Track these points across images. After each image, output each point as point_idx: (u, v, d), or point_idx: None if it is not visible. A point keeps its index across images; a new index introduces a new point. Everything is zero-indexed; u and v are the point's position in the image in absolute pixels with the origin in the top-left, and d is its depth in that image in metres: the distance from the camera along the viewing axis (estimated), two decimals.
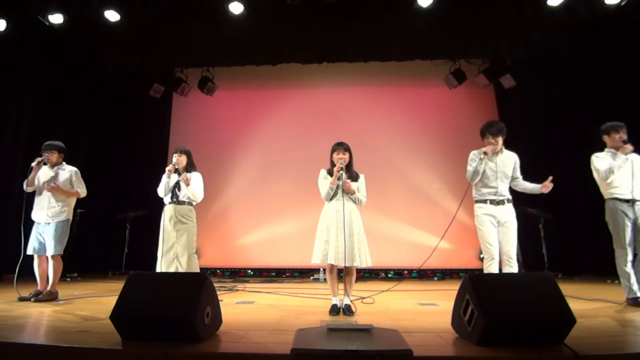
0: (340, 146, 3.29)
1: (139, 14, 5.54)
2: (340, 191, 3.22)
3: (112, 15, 5.46)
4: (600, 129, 3.71)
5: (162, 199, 4.03)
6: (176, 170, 3.97)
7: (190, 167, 4.09)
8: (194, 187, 4.00)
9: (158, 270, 3.83)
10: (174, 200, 3.97)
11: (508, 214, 3.26)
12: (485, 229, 3.24)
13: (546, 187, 3.29)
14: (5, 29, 5.49)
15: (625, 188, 3.47)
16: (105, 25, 5.56)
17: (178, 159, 3.97)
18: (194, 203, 4.08)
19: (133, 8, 5.47)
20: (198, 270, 3.99)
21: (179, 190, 3.99)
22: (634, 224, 3.42)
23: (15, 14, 5.42)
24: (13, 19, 5.47)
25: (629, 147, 3.48)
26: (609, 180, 3.50)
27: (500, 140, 3.36)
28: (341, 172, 3.18)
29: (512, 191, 3.40)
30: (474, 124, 3.54)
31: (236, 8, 5.38)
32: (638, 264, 3.39)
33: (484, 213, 3.27)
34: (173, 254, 3.91)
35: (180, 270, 3.80)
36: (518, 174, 3.43)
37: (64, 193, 3.87)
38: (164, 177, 4.01)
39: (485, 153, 3.30)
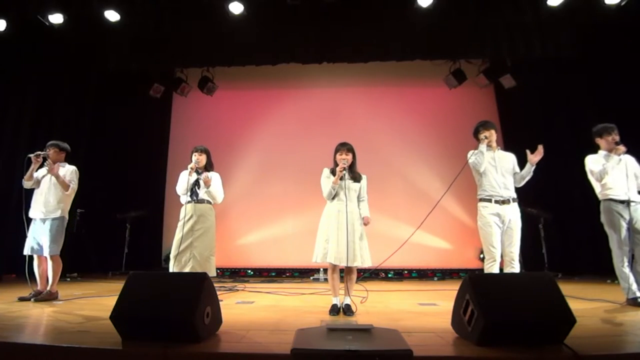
0: (344, 146, 3.28)
1: (139, 14, 5.54)
2: (342, 192, 3.22)
3: (112, 15, 5.46)
4: (592, 132, 3.71)
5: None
6: (196, 170, 3.95)
7: (209, 166, 4.07)
8: (215, 188, 3.96)
9: (171, 270, 3.71)
10: (194, 199, 3.92)
11: (513, 213, 3.25)
12: (490, 230, 3.21)
13: (533, 156, 3.28)
14: (5, 29, 5.49)
15: (620, 189, 3.48)
16: (105, 25, 5.56)
17: (198, 158, 3.94)
18: (213, 202, 4.04)
19: (133, 8, 5.47)
20: (214, 274, 3.87)
21: (199, 188, 3.94)
22: (630, 224, 3.42)
23: (15, 14, 5.41)
24: (13, 19, 5.47)
25: (622, 148, 3.47)
26: (603, 182, 3.51)
27: (494, 133, 3.40)
28: (344, 172, 3.19)
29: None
30: (474, 124, 3.55)
31: (236, 8, 5.39)
32: (635, 265, 3.38)
33: (489, 213, 3.24)
34: (189, 255, 3.79)
35: (198, 271, 3.60)
36: (518, 169, 3.45)
37: (59, 180, 3.80)
38: (183, 176, 3.97)
39: (485, 137, 3.34)
